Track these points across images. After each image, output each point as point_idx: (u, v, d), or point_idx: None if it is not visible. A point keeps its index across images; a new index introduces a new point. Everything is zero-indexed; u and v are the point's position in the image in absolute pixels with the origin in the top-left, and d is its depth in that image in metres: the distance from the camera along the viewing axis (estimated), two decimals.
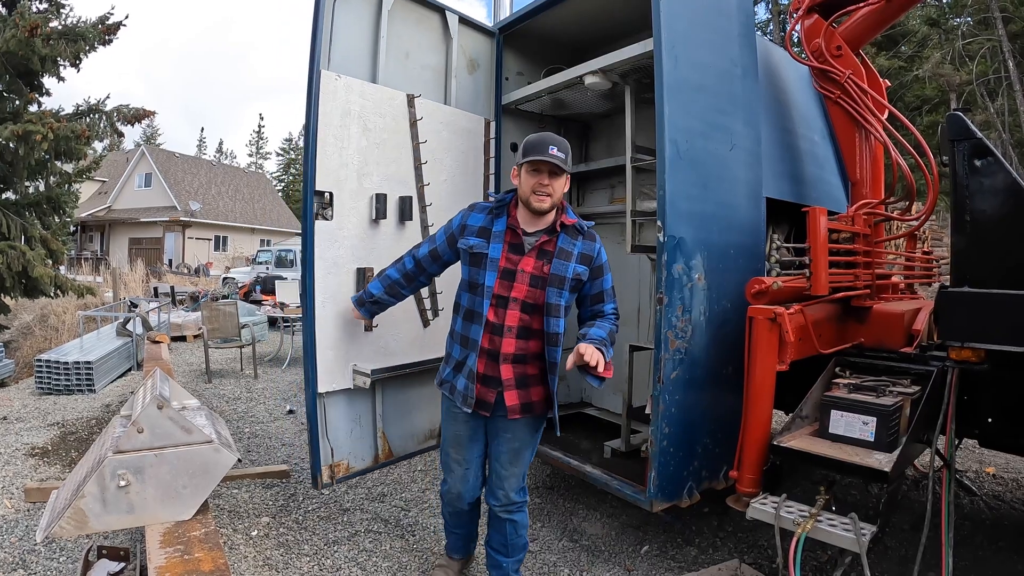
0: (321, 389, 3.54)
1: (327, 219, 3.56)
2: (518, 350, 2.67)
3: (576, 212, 5.31)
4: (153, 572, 2.22)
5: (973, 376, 2.92)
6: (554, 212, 2.70)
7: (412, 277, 3.09)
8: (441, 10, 4.20)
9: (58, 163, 11.26)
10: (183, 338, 11.49)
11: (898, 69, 23.02)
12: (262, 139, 75.93)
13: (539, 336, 2.68)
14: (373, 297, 3.18)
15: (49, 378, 7.20)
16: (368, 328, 3.59)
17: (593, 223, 2.85)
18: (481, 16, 4.45)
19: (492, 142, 4.50)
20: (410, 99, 3.93)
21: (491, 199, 2.88)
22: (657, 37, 3.07)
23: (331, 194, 3.56)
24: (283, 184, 70.83)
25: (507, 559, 2.97)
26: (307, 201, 3.46)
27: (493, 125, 4.53)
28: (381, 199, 3.78)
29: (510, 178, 2.87)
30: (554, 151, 2.55)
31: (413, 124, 3.95)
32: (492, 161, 4.48)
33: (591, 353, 2.44)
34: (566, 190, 2.70)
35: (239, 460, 2.72)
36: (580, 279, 2.68)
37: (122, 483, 2.51)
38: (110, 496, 2.51)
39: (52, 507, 2.77)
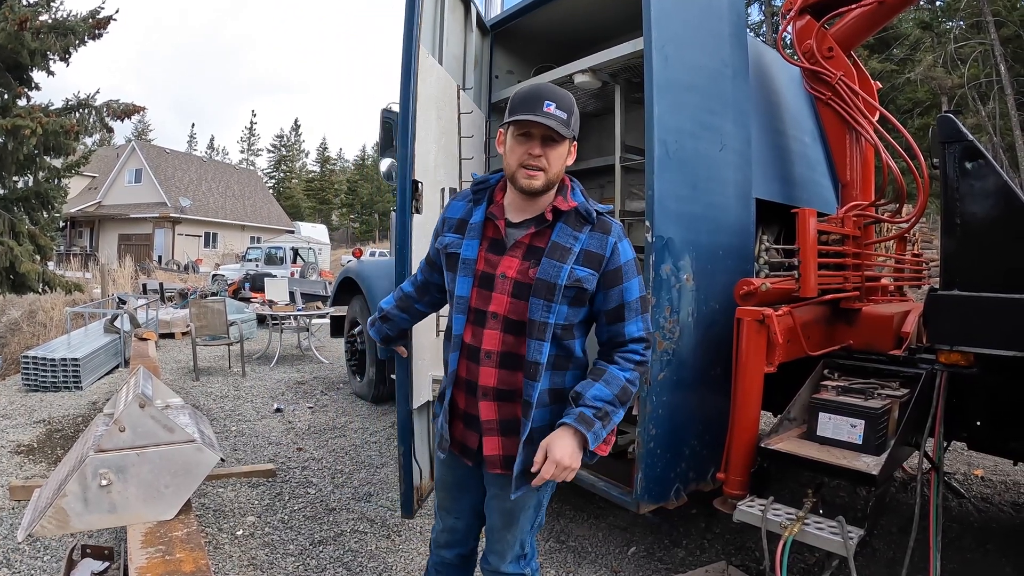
0: (415, 405, 3.19)
1: (419, 212, 3.18)
2: (502, 384, 1.94)
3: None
4: (134, 572, 2.20)
5: (962, 379, 2.91)
6: (552, 193, 1.95)
7: (424, 290, 2.31)
8: (468, 1, 4.16)
9: (47, 158, 11.20)
10: (171, 335, 11.42)
11: (890, 72, 23.16)
12: (254, 136, 75.87)
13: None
14: (383, 312, 2.40)
15: (36, 375, 7.14)
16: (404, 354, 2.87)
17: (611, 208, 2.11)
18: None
19: (487, 142, 4.45)
20: (458, 90, 3.77)
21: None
22: (647, 36, 3.05)
23: (421, 184, 3.20)
24: (274, 181, 70.79)
25: None
26: (404, 191, 3.05)
27: (488, 124, 4.49)
28: (453, 193, 3.56)
29: (495, 145, 2.11)
30: (551, 108, 1.82)
31: (459, 116, 3.77)
32: (488, 162, 4.43)
33: (549, 470, 1.81)
34: (570, 163, 1.95)
35: (222, 460, 2.70)
36: (581, 287, 1.89)
37: (104, 482, 2.48)
38: (92, 495, 2.49)
39: (34, 506, 2.74)
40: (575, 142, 1.95)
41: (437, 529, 2.32)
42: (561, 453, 1.81)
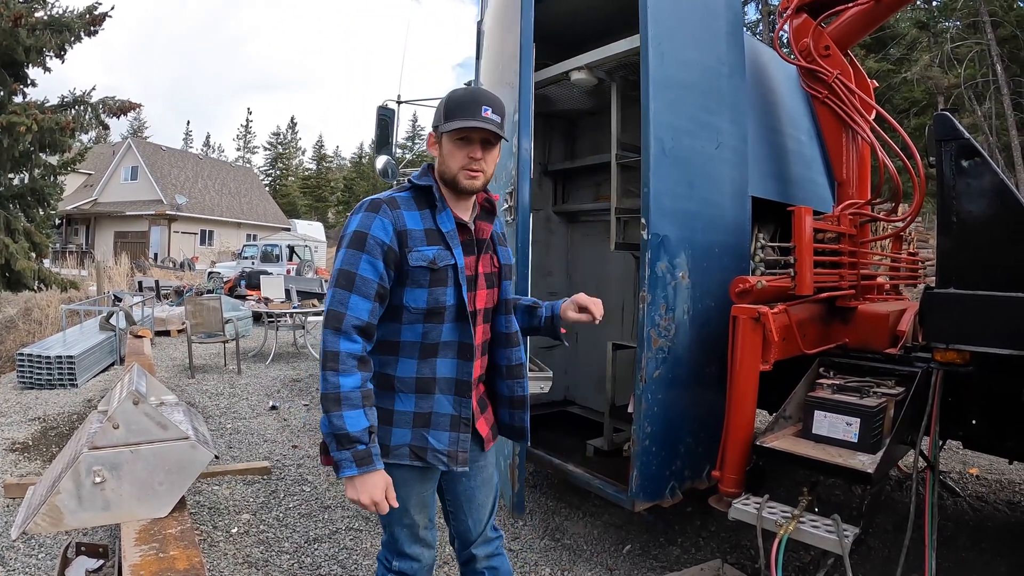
0: None
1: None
2: (482, 369, 2.10)
3: (561, 209, 5.35)
4: (128, 570, 2.19)
5: (958, 378, 2.91)
6: None
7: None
8: None
9: (42, 155, 11.17)
10: (167, 333, 11.40)
11: (887, 71, 23.17)
12: (250, 133, 75.60)
13: (491, 343, 2.12)
14: (370, 428, 1.78)
15: (31, 372, 7.12)
16: None
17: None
18: (472, 12, 4.40)
19: None
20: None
21: (398, 182, 2.10)
22: (644, 34, 3.05)
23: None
24: (270, 179, 70.63)
25: None
26: (524, 195, 3.17)
27: None
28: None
29: (427, 147, 2.10)
30: (488, 112, 1.87)
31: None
32: None
33: (598, 308, 2.08)
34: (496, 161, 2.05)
35: (216, 457, 2.69)
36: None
37: (97, 479, 2.48)
38: (85, 493, 2.48)
39: (28, 503, 2.74)
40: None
41: (423, 559, 2.11)
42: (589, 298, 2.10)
